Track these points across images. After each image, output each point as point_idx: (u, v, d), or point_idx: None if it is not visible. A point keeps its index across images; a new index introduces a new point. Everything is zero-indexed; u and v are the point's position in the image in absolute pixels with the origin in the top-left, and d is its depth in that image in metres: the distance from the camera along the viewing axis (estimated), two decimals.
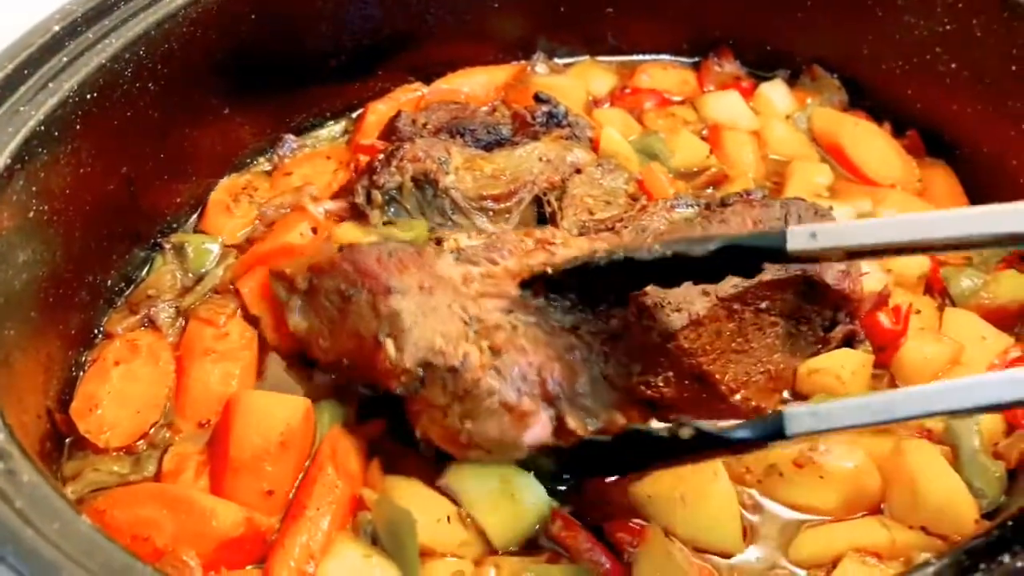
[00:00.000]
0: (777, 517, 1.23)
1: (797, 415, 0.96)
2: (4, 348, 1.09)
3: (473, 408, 1.12)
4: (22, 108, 1.20)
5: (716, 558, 1.19)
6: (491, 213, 1.46)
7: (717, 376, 1.26)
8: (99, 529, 0.87)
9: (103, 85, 1.30)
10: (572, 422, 1.14)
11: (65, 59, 1.27)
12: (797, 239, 1.00)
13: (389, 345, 1.15)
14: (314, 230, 1.50)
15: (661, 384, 1.23)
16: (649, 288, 1.19)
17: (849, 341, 1.38)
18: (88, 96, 1.28)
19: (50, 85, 1.24)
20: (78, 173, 1.30)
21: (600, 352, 1.20)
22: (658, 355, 1.23)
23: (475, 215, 1.45)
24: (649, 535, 1.15)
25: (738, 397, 1.29)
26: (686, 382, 1.25)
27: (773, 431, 0.97)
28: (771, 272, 1.28)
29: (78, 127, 1.27)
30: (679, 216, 1.38)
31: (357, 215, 1.48)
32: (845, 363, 1.33)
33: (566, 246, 1.28)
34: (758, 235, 1.06)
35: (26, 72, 1.23)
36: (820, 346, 1.36)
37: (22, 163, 1.17)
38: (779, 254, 1.01)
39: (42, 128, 1.20)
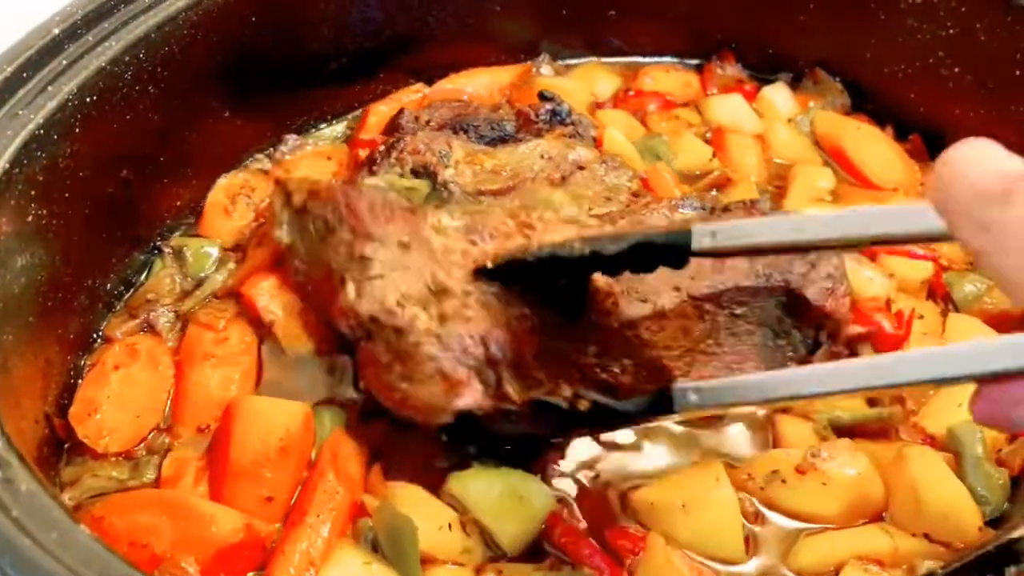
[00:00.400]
0: (776, 525, 1.22)
1: (683, 389, 1.04)
2: (2, 353, 1.08)
3: (411, 371, 1.14)
4: (21, 111, 1.19)
5: (717, 565, 1.18)
6: None
7: (678, 372, 1.25)
8: (98, 539, 0.87)
9: (103, 88, 1.29)
10: (509, 388, 1.14)
11: (65, 62, 1.25)
12: (699, 238, 1.04)
13: (350, 288, 1.19)
14: None
15: (618, 370, 1.21)
16: (623, 276, 1.19)
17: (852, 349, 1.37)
18: (88, 99, 1.27)
19: (49, 88, 1.23)
20: (77, 176, 1.29)
21: (554, 325, 1.20)
22: (616, 340, 1.23)
23: None
24: (650, 542, 1.15)
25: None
26: (645, 373, 1.23)
27: (661, 406, 1.05)
28: (750, 278, 1.28)
29: (77, 130, 1.26)
30: (681, 216, 1.38)
31: None
32: None
33: (546, 232, 1.28)
34: (668, 233, 1.09)
35: (25, 75, 1.22)
36: (800, 365, 1.33)
37: (21, 167, 1.17)
38: (686, 251, 1.06)
39: (41, 132, 1.19)
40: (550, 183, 1.46)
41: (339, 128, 1.76)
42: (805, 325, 1.31)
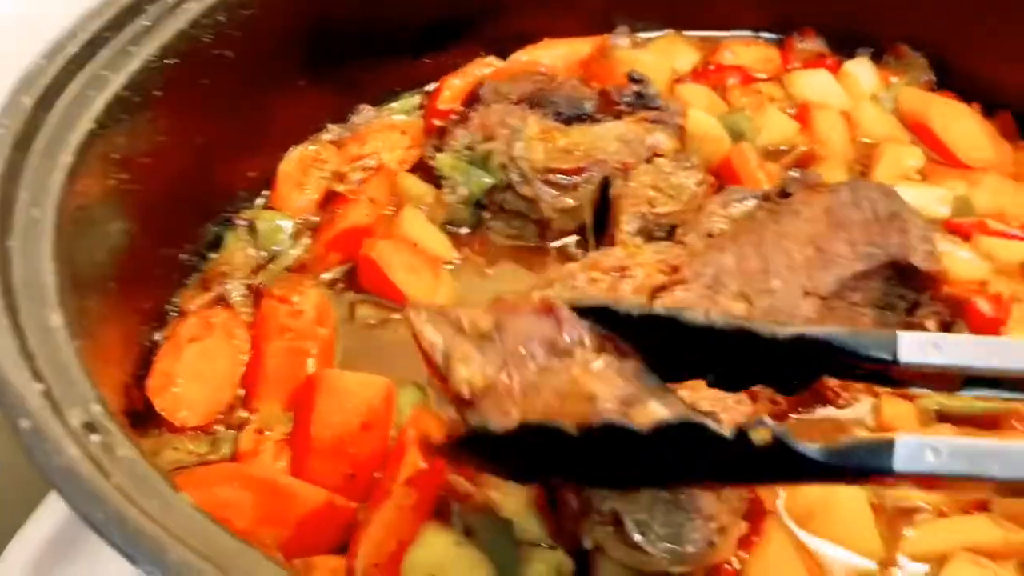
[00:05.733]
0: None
1: (918, 446, 0.75)
2: (88, 319, 1.05)
3: None
4: (104, 72, 1.16)
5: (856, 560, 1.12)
6: (557, 187, 1.43)
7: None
8: (199, 508, 0.83)
9: (184, 51, 1.26)
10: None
11: (146, 23, 1.22)
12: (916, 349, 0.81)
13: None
14: (372, 200, 1.47)
15: (780, 399, 1.17)
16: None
17: (948, 326, 1.32)
18: (168, 62, 1.24)
19: (131, 50, 1.20)
20: (155, 142, 1.26)
21: None
22: None
23: (539, 187, 1.43)
24: (768, 527, 1.09)
25: (841, 398, 1.23)
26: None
27: (875, 463, 0.76)
28: (862, 261, 1.22)
29: (158, 93, 1.23)
30: (738, 212, 1.33)
31: (423, 170, 1.50)
32: None
33: (641, 265, 1.22)
34: (864, 337, 0.84)
35: (107, 35, 1.19)
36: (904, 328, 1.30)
37: (104, 129, 1.14)
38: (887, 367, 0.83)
39: (124, 93, 1.17)
40: (622, 168, 1.42)
41: (413, 101, 1.71)
42: (907, 291, 1.27)
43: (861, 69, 1.75)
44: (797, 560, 1.09)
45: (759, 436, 0.76)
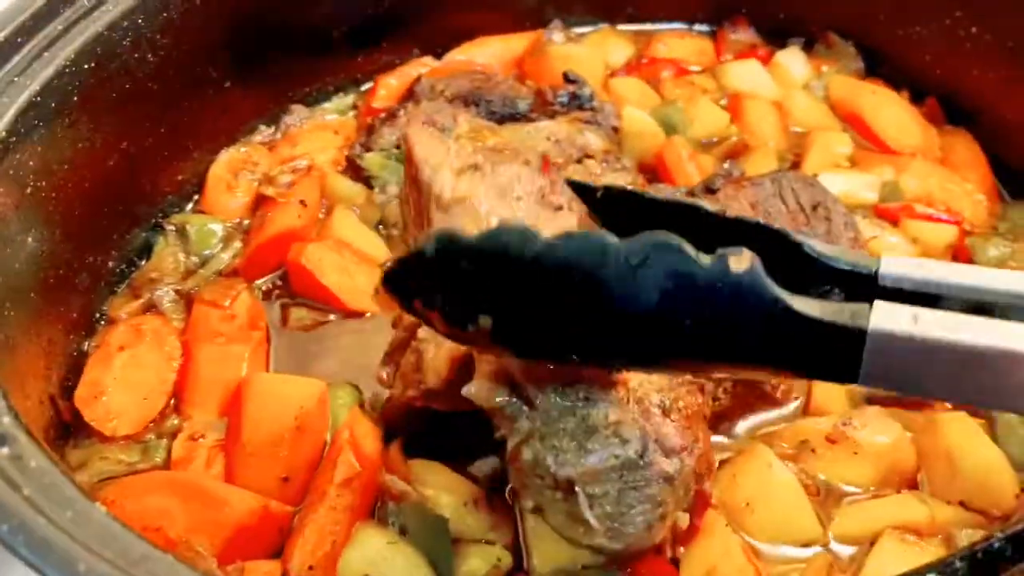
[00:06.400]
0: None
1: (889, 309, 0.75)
2: (5, 330, 1.04)
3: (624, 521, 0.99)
4: (16, 78, 1.15)
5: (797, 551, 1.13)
6: None
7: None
8: (114, 517, 0.82)
9: (100, 55, 1.25)
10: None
11: (60, 27, 1.21)
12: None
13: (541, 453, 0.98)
14: (302, 203, 1.46)
15: (722, 396, 1.17)
16: None
17: None
18: (85, 66, 1.22)
19: (45, 54, 1.18)
20: (76, 148, 1.24)
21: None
22: None
23: None
24: (707, 523, 1.10)
25: (779, 392, 1.24)
26: (738, 388, 1.19)
27: (853, 322, 0.76)
28: None
29: (75, 99, 1.21)
30: None
31: (353, 170, 1.50)
32: None
33: None
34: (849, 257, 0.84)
35: (19, 40, 1.17)
36: None
37: (18, 136, 1.12)
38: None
39: (39, 99, 1.15)
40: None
41: (348, 101, 1.71)
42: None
43: (792, 59, 1.77)
44: (738, 551, 1.09)
45: (737, 262, 0.74)
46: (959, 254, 1.47)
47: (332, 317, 1.39)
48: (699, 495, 1.08)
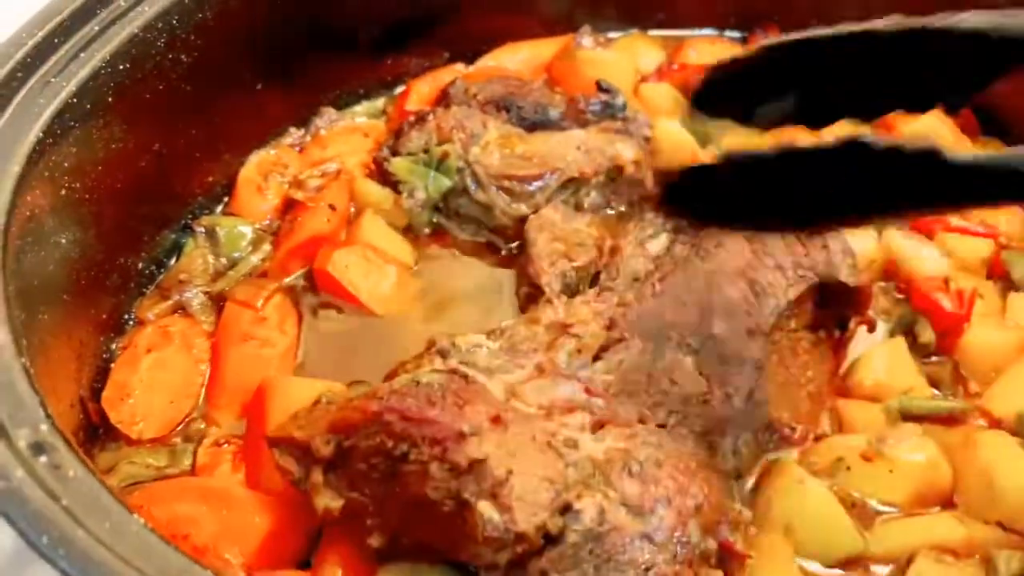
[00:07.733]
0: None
1: None
2: (39, 333, 1.03)
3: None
4: (52, 79, 1.14)
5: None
6: (512, 193, 1.42)
7: (777, 418, 1.18)
8: (152, 529, 0.82)
9: (136, 56, 1.24)
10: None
11: (97, 28, 1.20)
12: None
13: (485, 508, 0.92)
14: (331, 207, 1.45)
15: (744, 450, 1.15)
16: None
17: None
18: (121, 67, 1.22)
19: (81, 55, 1.17)
20: (109, 149, 1.24)
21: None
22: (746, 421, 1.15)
23: (494, 192, 1.42)
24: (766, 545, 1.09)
25: (797, 434, 1.20)
26: (760, 436, 1.17)
27: None
28: (794, 286, 1.19)
29: (110, 100, 1.21)
30: (656, 248, 1.25)
31: (381, 174, 1.48)
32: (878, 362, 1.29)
33: (582, 323, 1.18)
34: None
35: (56, 41, 1.17)
36: (840, 348, 1.29)
37: (54, 137, 1.12)
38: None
39: (74, 100, 1.14)
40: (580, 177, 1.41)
41: (378, 104, 1.70)
42: (837, 308, 1.26)
43: None
44: None
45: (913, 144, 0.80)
46: (994, 268, 1.45)
47: (358, 320, 1.39)
48: (723, 547, 1.04)
